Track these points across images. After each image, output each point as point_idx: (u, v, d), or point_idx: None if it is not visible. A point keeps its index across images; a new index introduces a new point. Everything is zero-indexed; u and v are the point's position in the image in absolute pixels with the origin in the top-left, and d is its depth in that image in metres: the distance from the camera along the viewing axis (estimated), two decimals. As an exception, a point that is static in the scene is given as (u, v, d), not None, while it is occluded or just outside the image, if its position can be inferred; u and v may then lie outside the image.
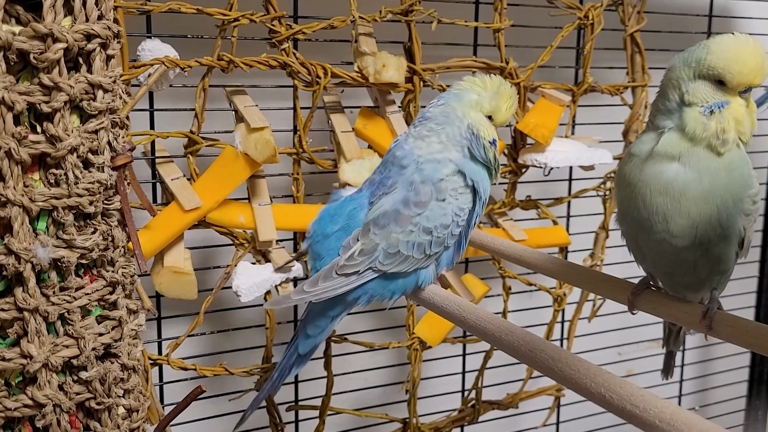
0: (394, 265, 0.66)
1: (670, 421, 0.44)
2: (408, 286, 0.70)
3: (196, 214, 0.86)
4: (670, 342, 0.82)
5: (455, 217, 0.67)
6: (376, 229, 0.66)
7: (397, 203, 0.67)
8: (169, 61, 0.83)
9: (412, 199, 0.66)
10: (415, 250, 0.66)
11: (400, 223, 0.66)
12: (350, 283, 0.66)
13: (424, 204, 0.66)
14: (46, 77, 0.62)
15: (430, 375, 1.16)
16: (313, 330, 0.72)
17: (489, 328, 0.61)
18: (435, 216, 0.66)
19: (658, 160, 0.63)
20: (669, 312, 0.67)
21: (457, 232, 0.68)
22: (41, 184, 0.64)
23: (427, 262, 0.68)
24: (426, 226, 0.66)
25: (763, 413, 1.48)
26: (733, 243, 0.64)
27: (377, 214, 0.67)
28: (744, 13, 1.33)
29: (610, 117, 1.17)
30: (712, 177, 0.61)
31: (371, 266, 0.66)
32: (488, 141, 0.69)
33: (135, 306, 0.75)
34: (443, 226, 0.66)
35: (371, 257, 0.66)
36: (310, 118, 0.93)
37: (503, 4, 1.01)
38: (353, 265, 0.66)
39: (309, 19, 0.92)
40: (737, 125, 0.62)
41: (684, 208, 0.62)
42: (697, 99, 0.63)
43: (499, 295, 1.14)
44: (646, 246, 0.66)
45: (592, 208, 1.21)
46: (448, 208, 0.67)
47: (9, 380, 0.65)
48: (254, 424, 1.04)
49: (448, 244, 0.69)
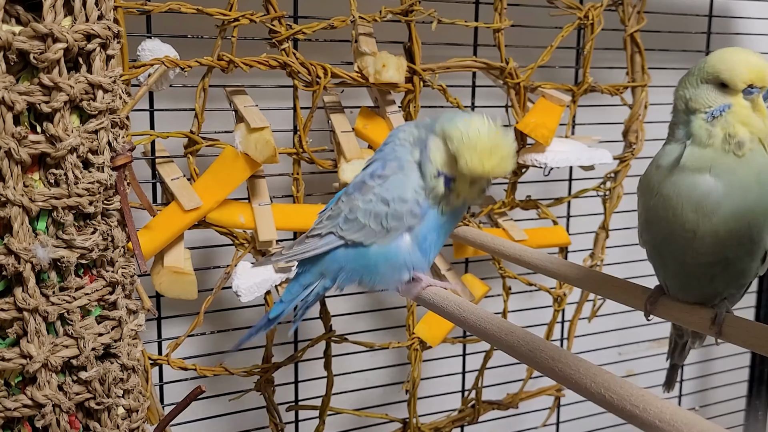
0: (351, 232, 0.67)
1: (670, 421, 0.44)
2: (379, 265, 0.68)
3: (196, 214, 0.86)
4: (675, 355, 0.80)
5: (415, 194, 0.67)
6: (344, 197, 0.70)
7: (365, 175, 0.70)
8: (169, 61, 0.83)
9: (377, 172, 0.69)
10: (372, 219, 0.67)
11: (363, 191, 0.68)
12: (316, 247, 0.69)
13: (386, 177, 0.68)
14: (46, 77, 0.62)
15: (430, 375, 1.16)
16: (286, 296, 0.73)
17: (489, 328, 0.61)
18: (394, 187, 0.67)
19: (689, 172, 0.61)
20: (678, 317, 0.67)
21: (417, 211, 0.67)
22: (41, 184, 0.64)
23: (386, 239, 0.67)
24: (384, 196, 0.67)
25: (763, 413, 1.48)
26: (757, 258, 0.63)
27: (350, 184, 0.71)
28: (744, 13, 1.33)
29: (610, 117, 1.17)
30: (743, 191, 0.60)
31: (332, 230, 0.68)
32: (435, 169, 0.67)
33: (135, 306, 0.75)
34: (401, 200, 0.66)
35: (334, 222, 0.68)
36: (310, 118, 0.93)
37: (503, 4, 1.01)
38: (320, 227, 0.69)
39: (309, 19, 0.92)
40: (746, 127, 0.60)
41: (714, 226, 0.61)
42: (699, 105, 0.62)
43: (499, 295, 1.14)
44: (669, 257, 0.65)
45: (592, 208, 1.20)
46: (408, 183, 0.67)
47: (8, 380, 0.65)
48: (254, 424, 1.04)
49: (409, 223, 0.67)
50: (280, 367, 0.97)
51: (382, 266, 0.69)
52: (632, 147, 1.14)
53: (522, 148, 1.07)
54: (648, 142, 1.14)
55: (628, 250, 1.20)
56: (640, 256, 0.70)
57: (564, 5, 1.06)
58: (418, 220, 0.68)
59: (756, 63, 0.61)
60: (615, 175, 1.15)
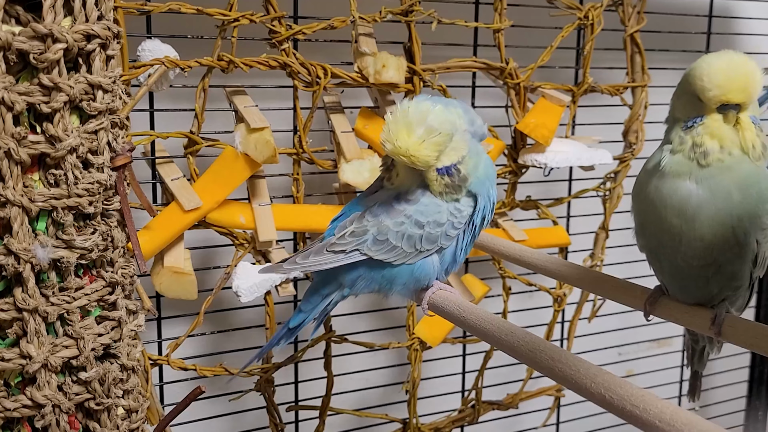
0: (381, 253, 0.66)
1: (670, 421, 0.44)
2: (402, 278, 0.68)
3: (196, 214, 0.86)
4: (694, 362, 0.78)
5: (451, 217, 0.66)
6: (369, 217, 0.67)
7: (390, 198, 0.67)
8: (169, 61, 0.83)
9: (403, 196, 0.66)
10: (405, 241, 0.66)
11: (391, 215, 0.66)
12: (337, 260, 0.67)
13: (414, 201, 0.66)
14: (45, 77, 0.62)
15: (430, 375, 1.16)
16: (306, 306, 0.72)
17: (489, 329, 0.61)
18: (429, 212, 0.66)
19: (669, 177, 0.62)
20: (679, 317, 0.67)
21: (453, 234, 0.67)
22: (41, 184, 0.64)
23: (416, 258, 0.67)
24: (418, 219, 0.66)
25: (763, 413, 1.48)
26: (748, 261, 0.63)
27: (373, 203, 0.68)
28: (744, 13, 1.33)
29: (610, 117, 1.17)
30: (725, 197, 0.60)
31: (358, 248, 0.67)
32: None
33: (135, 306, 0.75)
34: (437, 224, 0.66)
35: (360, 239, 0.67)
36: (310, 118, 0.93)
37: (503, 5, 1.01)
38: (342, 244, 0.67)
39: (309, 20, 0.92)
40: (717, 140, 0.60)
41: (698, 232, 0.61)
42: (680, 114, 0.63)
43: (499, 296, 1.14)
44: (665, 260, 0.66)
45: (592, 209, 1.20)
46: (443, 206, 0.66)
47: (8, 381, 0.65)
48: (254, 424, 1.04)
49: (442, 245, 0.67)
50: (280, 367, 0.97)
51: (408, 280, 0.69)
52: (632, 147, 1.14)
53: (522, 148, 1.07)
54: (648, 142, 1.14)
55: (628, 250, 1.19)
56: (640, 256, 0.70)
57: (564, 5, 1.06)
58: (452, 242, 0.68)
59: (730, 81, 0.59)
60: (615, 176, 1.15)
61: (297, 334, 0.76)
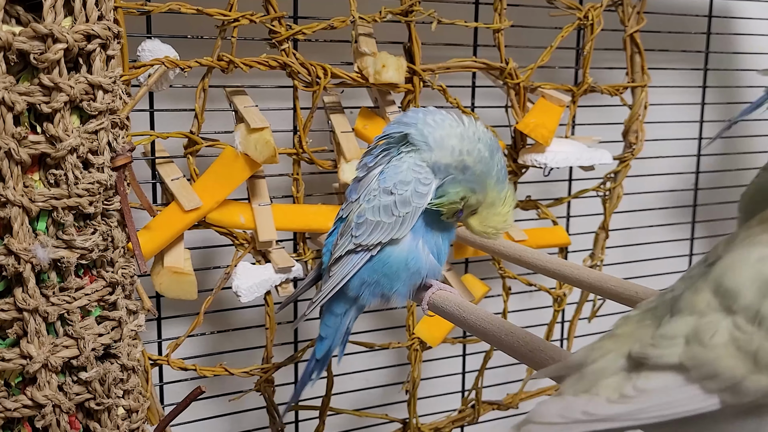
0: (366, 235, 0.67)
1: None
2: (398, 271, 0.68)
3: (196, 214, 0.86)
4: None
5: (414, 173, 0.66)
6: (344, 205, 0.70)
7: (356, 187, 0.70)
8: (169, 61, 0.83)
9: (368, 163, 0.69)
10: (382, 212, 0.66)
11: (359, 190, 0.69)
12: (341, 272, 0.68)
13: (374, 176, 0.68)
14: (46, 78, 0.62)
15: (430, 375, 1.16)
16: (325, 331, 0.72)
17: (489, 329, 0.61)
18: (391, 174, 0.67)
19: None
20: None
21: (423, 191, 0.67)
22: (41, 184, 0.64)
23: (402, 229, 0.67)
24: (385, 186, 0.67)
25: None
26: None
27: (347, 190, 0.71)
28: (744, 13, 1.33)
29: (610, 117, 1.17)
30: None
31: (349, 247, 0.68)
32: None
33: (135, 306, 0.75)
34: (403, 183, 0.66)
35: (347, 236, 0.68)
36: (310, 118, 0.93)
37: (503, 5, 1.01)
38: (336, 251, 0.69)
39: (309, 20, 0.92)
40: None
41: None
42: None
43: (499, 296, 1.14)
44: None
45: (592, 209, 1.20)
46: (402, 165, 0.67)
47: (9, 381, 0.65)
48: (254, 424, 1.04)
49: (417, 204, 0.67)
50: (280, 368, 0.97)
51: (402, 272, 0.69)
52: (632, 147, 1.14)
53: (522, 148, 1.07)
54: (648, 142, 1.14)
55: (628, 250, 1.20)
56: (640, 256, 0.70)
57: (564, 6, 1.06)
58: (425, 198, 0.67)
59: None
60: (615, 176, 1.15)
61: (328, 363, 0.77)
